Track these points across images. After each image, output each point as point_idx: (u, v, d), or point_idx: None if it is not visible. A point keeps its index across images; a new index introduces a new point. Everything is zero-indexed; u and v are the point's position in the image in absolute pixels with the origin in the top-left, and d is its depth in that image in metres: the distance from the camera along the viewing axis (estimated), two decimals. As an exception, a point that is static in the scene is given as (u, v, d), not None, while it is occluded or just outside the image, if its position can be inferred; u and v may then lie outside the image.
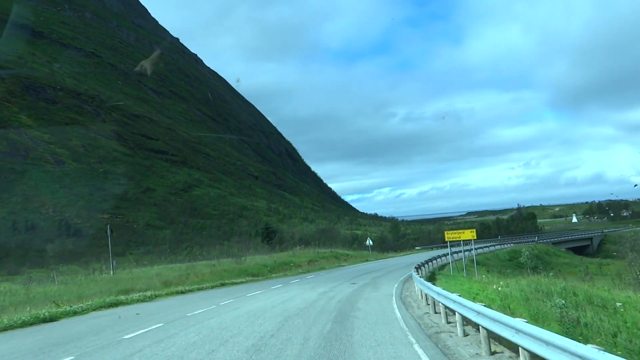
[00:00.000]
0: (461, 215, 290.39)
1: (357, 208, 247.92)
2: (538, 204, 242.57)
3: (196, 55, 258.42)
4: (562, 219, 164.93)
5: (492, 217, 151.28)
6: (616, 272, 32.32)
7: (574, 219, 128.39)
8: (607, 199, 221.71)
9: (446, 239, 28.76)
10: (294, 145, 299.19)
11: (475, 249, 44.89)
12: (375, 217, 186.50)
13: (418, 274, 19.63)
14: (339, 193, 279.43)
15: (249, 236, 61.26)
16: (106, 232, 35.40)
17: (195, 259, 39.90)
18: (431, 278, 22.81)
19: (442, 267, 34.96)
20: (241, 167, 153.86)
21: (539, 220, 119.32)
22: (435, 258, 33.89)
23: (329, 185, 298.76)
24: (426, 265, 28.35)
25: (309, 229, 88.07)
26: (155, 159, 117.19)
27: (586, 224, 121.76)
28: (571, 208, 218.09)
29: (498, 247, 54.18)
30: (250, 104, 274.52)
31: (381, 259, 47.97)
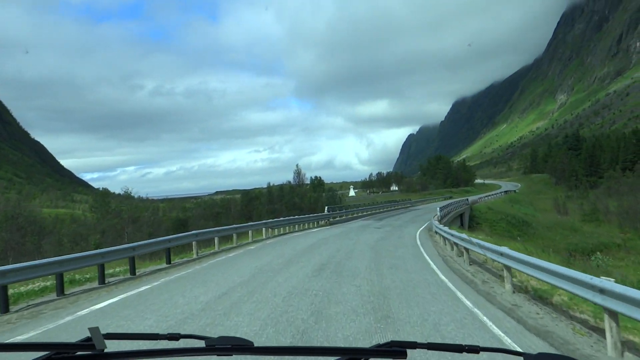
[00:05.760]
0: (209, 195, 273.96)
1: (95, 186, 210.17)
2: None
3: None
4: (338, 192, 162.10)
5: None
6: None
7: (352, 192, 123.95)
8: (342, 180, 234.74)
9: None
10: (9, 107, 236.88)
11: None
12: (106, 194, 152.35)
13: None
14: (75, 170, 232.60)
15: None
16: None
17: None
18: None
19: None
20: None
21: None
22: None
23: (60, 159, 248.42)
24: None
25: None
26: None
27: (365, 197, 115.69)
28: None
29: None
30: None
31: None
